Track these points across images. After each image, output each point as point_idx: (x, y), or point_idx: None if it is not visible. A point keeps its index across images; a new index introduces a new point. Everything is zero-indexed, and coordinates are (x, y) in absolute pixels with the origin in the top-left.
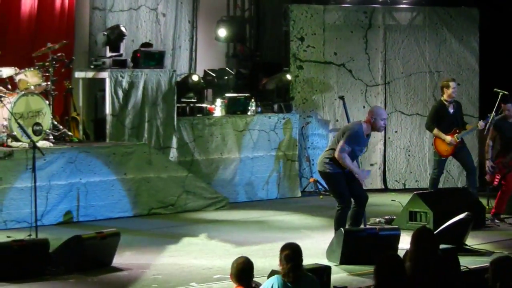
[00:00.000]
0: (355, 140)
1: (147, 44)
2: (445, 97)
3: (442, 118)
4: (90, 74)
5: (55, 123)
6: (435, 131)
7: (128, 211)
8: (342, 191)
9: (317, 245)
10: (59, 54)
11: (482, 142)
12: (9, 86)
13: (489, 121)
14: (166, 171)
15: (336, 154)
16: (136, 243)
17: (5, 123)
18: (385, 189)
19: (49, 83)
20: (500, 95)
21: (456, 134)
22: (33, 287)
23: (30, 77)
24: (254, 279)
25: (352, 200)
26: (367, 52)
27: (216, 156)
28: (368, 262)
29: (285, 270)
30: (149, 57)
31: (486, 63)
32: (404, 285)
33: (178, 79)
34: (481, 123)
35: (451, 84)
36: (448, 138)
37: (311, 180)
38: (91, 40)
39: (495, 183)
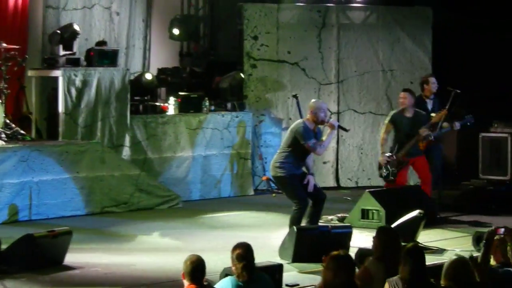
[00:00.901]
0: (309, 133)
1: (102, 43)
2: (426, 92)
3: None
4: (43, 73)
5: (8, 121)
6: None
7: (80, 210)
8: (297, 192)
9: (270, 243)
10: (12, 52)
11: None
12: None
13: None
14: (119, 169)
15: (315, 153)
16: (89, 242)
17: None
18: (338, 187)
19: (1, 81)
20: (452, 93)
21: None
22: None
23: None
24: (207, 277)
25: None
26: (321, 51)
27: (169, 155)
28: (320, 260)
29: (238, 270)
30: (102, 56)
31: (439, 62)
32: (352, 284)
33: (132, 77)
34: (456, 124)
35: (431, 79)
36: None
37: (264, 178)
38: (44, 39)
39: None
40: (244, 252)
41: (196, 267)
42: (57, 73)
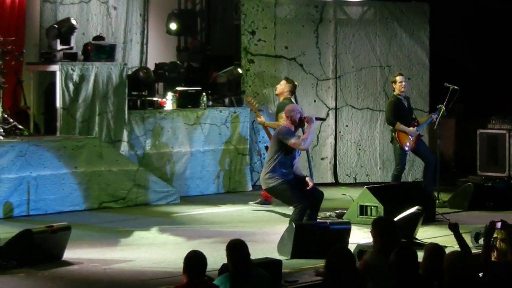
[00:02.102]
0: (290, 133)
1: (99, 38)
2: (396, 91)
3: (400, 112)
4: (40, 67)
5: (5, 116)
6: (398, 125)
7: (79, 205)
8: (294, 194)
9: (268, 239)
10: (9, 47)
11: (431, 135)
12: None
13: (439, 114)
14: (117, 164)
15: (301, 148)
16: (87, 237)
17: None
18: (336, 183)
19: None
20: (450, 90)
21: (416, 127)
22: None
23: None
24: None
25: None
26: (318, 46)
27: (167, 150)
28: (319, 256)
29: (233, 267)
30: (100, 50)
31: (436, 58)
32: (354, 279)
33: (129, 72)
34: (433, 115)
35: (398, 78)
36: (411, 129)
37: None
38: (42, 33)
39: None
40: (237, 250)
41: (198, 263)
42: (55, 67)
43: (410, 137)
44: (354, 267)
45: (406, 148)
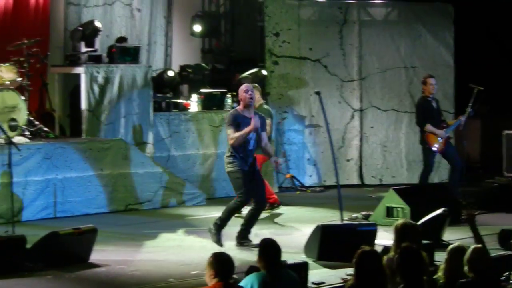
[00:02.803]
0: (233, 121)
1: (122, 39)
2: (426, 93)
3: (429, 113)
4: (65, 70)
5: (31, 118)
6: (428, 126)
7: (104, 207)
8: (244, 186)
9: (295, 240)
10: (34, 49)
11: (457, 136)
12: None
13: (466, 115)
14: (142, 167)
15: (229, 142)
16: (114, 239)
17: None
18: (362, 185)
19: (24, 78)
20: (475, 91)
21: (444, 129)
22: (11, 283)
23: (5, 73)
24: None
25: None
26: (342, 47)
27: (192, 152)
28: (346, 258)
29: (266, 267)
30: (124, 53)
31: (461, 59)
32: (383, 280)
33: (154, 74)
34: (462, 118)
35: (428, 80)
36: (440, 131)
37: (288, 175)
38: (66, 36)
39: None
40: (271, 250)
41: (227, 265)
42: (80, 70)
43: (439, 139)
44: (382, 268)
45: (434, 149)
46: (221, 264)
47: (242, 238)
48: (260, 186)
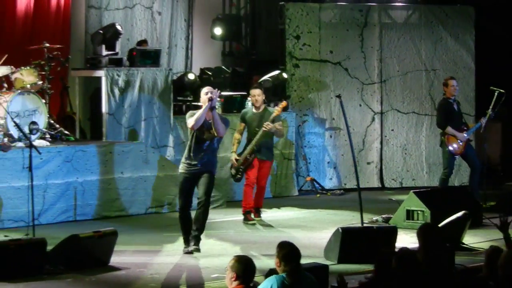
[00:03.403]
0: (190, 114)
1: (142, 41)
2: (447, 94)
3: (450, 115)
4: (86, 73)
5: (52, 121)
6: (448, 129)
7: (125, 210)
8: (181, 192)
9: (315, 243)
10: (55, 52)
11: (478, 139)
12: (5, 85)
13: (486, 118)
14: (163, 170)
15: (189, 126)
16: (134, 242)
17: (1, 122)
18: (382, 188)
19: (45, 81)
20: (496, 93)
21: (465, 132)
22: (31, 287)
23: (26, 76)
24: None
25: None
26: (363, 50)
27: None
28: (366, 260)
29: (286, 271)
30: (145, 56)
31: (482, 62)
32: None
33: (174, 77)
34: (483, 121)
35: (450, 82)
36: (461, 134)
37: (308, 178)
38: (87, 39)
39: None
40: (292, 253)
41: (249, 268)
42: (100, 73)
43: (459, 141)
44: (419, 268)
45: (454, 151)
46: (242, 267)
47: (185, 244)
48: (203, 184)
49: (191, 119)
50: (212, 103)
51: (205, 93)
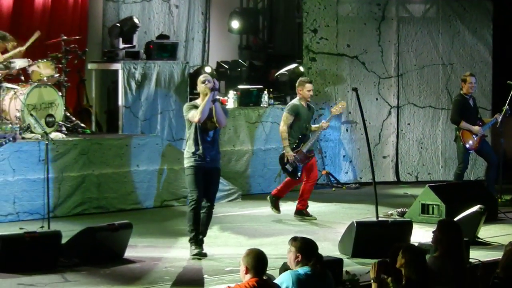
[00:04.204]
0: (189, 109)
1: (163, 36)
2: (464, 90)
3: (466, 111)
4: (103, 66)
5: (68, 114)
6: (463, 124)
7: (140, 203)
8: (191, 184)
9: (330, 237)
10: (72, 45)
11: (494, 135)
12: (22, 78)
13: (503, 114)
14: (178, 163)
15: (194, 120)
16: (149, 235)
17: (18, 114)
18: (398, 182)
19: (62, 74)
20: None
21: (480, 127)
22: (45, 279)
23: (43, 69)
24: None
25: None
26: (380, 44)
27: (228, 148)
28: (380, 255)
29: (307, 264)
30: (162, 49)
31: (499, 56)
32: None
33: (191, 71)
34: (498, 116)
35: (469, 79)
36: (476, 128)
37: (324, 172)
38: (104, 32)
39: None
40: (312, 247)
41: (260, 261)
42: (117, 66)
43: (474, 136)
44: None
45: (469, 147)
46: (254, 260)
47: (195, 245)
48: (212, 185)
49: (195, 112)
50: (214, 94)
51: (202, 81)
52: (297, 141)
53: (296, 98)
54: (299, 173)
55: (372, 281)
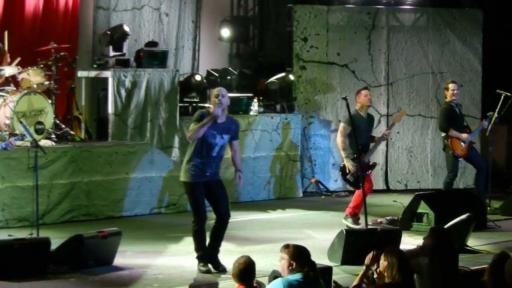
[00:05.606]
0: (199, 116)
1: (152, 43)
2: (448, 98)
3: (453, 119)
4: (93, 73)
5: (58, 122)
6: (452, 132)
7: (129, 211)
8: (194, 204)
9: (319, 245)
10: (62, 53)
11: (483, 144)
12: (12, 85)
13: (490, 121)
14: (168, 170)
15: (187, 137)
16: (138, 243)
17: (8, 121)
18: (387, 190)
19: (52, 82)
20: (502, 97)
21: (468, 134)
22: (35, 286)
23: (33, 76)
24: (256, 278)
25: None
26: (370, 53)
27: None
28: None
29: (301, 271)
30: (152, 57)
31: (489, 65)
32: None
33: (181, 79)
34: (485, 123)
35: (450, 86)
36: (464, 135)
37: (313, 180)
38: (95, 39)
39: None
40: (306, 255)
41: (245, 269)
42: (107, 74)
43: (462, 144)
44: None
45: (457, 154)
46: (241, 267)
47: (211, 261)
48: (223, 198)
49: (191, 129)
50: (217, 111)
51: (215, 95)
52: (357, 151)
53: (355, 107)
54: (361, 183)
55: (364, 267)
